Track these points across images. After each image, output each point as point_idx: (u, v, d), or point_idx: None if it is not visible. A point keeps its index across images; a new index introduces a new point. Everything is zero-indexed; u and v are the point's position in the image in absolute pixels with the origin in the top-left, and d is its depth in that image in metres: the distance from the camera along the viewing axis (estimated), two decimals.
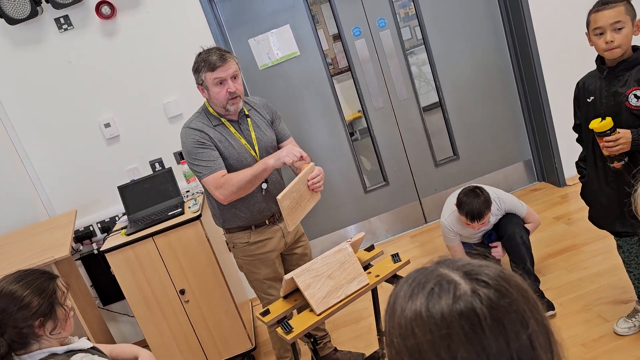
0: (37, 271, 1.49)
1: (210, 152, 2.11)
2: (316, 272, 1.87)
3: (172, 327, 2.72)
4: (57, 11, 2.89)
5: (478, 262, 0.67)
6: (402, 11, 3.45)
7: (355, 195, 3.62)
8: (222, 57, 2.08)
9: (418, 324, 0.62)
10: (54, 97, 3.03)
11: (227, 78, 2.09)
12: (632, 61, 1.84)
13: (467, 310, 0.60)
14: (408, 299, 0.64)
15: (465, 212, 2.46)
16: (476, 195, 2.45)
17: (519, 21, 3.37)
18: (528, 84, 3.52)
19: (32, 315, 1.40)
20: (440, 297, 0.62)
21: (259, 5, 3.23)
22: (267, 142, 2.23)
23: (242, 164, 2.15)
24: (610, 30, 1.83)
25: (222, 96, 2.10)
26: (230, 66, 2.09)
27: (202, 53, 2.14)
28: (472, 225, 2.49)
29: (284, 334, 1.80)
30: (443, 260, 0.68)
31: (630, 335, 2.20)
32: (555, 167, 3.58)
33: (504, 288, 0.63)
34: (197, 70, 2.14)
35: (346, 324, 2.87)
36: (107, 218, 3.17)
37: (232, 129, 2.18)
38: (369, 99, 3.47)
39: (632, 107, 1.84)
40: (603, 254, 2.72)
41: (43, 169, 3.11)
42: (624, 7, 1.82)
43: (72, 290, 2.63)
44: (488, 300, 0.61)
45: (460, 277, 0.64)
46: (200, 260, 2.66)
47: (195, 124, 2.17)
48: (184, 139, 2.16)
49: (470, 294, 0.61)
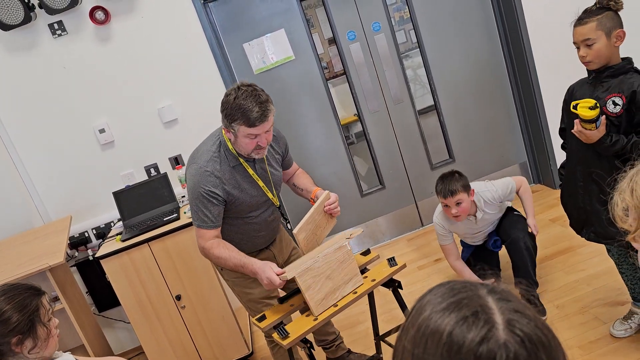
0: (23, 286, 1.44)
1: (213, 208, 1.97)
2: (317, 271, 1.86)
3: (169, 333, 2.70)
4: (51, 17, 2.88)
5: (527, 313, 0.62)
6: (397, 15, 3.45)
7: (351, 198, 3.62)
8: (264, 114, 1.85)
9: (435, 339, 0.60)
10: (48, 103, 3.02)
11: (262, 133, 1.91)
12: (617, 69, 1.87)
13: (487, 356, 0.57)
14: (440, 311, 0.62)
15: (437, 191, 2.52)
16: (449, 174, 2.51)
17: (513, 24, 3.38)
18: (523, 86, 3.53)
19: (10, 331, 1.36)
20: (470, 329, 0.59)
21: (254, 10, 3.23)
22: (277, 179, 2.17)
23: (256, 204, 2.08)
24: (583, 46, 1.88)
25: (250, 147, 1.93)
26: (270, 122, 1.89)
27: (238, 97, 1.86)
28: (449, 209, 2.48)
29: (280, 339, 1.79)
30: (495, 291, 0.64)
31: (627, 338, 2.20)
32: (551, 169, 3.59)
33: (535, 354, 0.59)
34: (229, 117, 1.88)
35: (343, 328, 2.86)
36: (103, 224, 3.15)
37: (250, 169, 2.03)
38: (365, 102, 3.47)
39: (609, 113, 1.88)
40: (599, 256, 2.72)
41: (38, 175, 3.09)
42: (596, 23, 1.84)
43: (67, 297, 2.62)
44: (515, 358, 0.58)
45: (502, 322, 0.60)
46: (197, 266, 2.65)
47: (212, 166, 1.96)
48: (196, 179, 1.96)
49: (501, 343, 0.58)
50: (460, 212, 2.49)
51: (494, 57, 3.54)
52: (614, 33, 1.84)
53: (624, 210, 0.82)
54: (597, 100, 1.87)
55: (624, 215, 0.82)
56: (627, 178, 0.82)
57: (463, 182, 2.48)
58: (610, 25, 1.83)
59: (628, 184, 0.81)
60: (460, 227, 2.65)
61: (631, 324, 2.20)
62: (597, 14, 1.84)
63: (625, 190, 0.81)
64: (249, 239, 2.15)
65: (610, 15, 1.84)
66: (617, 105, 1.86)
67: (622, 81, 1.86)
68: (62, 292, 2.55)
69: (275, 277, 1.88)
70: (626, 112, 1.86)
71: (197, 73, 3.08)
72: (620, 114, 1.86)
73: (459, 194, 2.45)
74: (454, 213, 2.49)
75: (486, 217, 2.60)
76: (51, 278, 2.47)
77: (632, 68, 1.88)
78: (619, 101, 1.86)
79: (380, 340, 2.31)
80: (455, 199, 2.46)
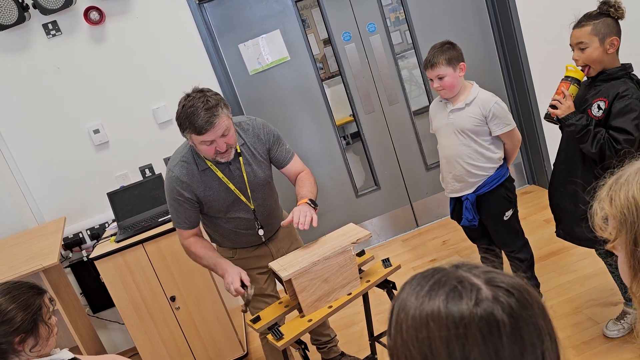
0: (26, 285, 1.46)
1: (185, 211, 2.01)
2: (315, 274, 1.82)
3: (163, 335, 2.70)
4: (45, 17, 2.87)
5: (498, 271, 0.67)
6: (392, 15, 3.46)
7: (346, 199, 3.62)
8: (209, 120, 1.80)
9: (434, 319, 0.62)
10: (42, 104, 3.01)
11: (216, 138, 1.86)
12: (610, 74, 1.89)
13: (487, 315, 0.61)
14: (425, 295, 0.65)
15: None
16: (440, 44, 2.26)
17: (507, 25, 3.39)
18: (517, 87, 3.55)
19: (14, 331, 1.37)
20: (461, 298, 0.62)
21: (249, 11, 3.23)
22: (260, 180, 2.08)
23: (231, 209, 2.07)
24: (577, 49, 1.91)
25: (210, 153, 1.90)
26: (219, 127, 1.83)
27: (185, 105, 1.84)
28: (432, 81, 2.27)
29: (274, 340, 1.79)
30: (461, 264, 0.68)
31: (620, 338, 2.21)
32: (545, 170, 3.60)
33: (525, 300, 0.63)
34: (180, 127, 1.87)
35: (338, 329, 2.86)
36: (97, 225, 3.14)
37: (220, 173, 2.00)
38: (360, 103, 3.47)
39: (593, 116, 1.90)
40: (592, 257, 2.73)
41: (31, 175, 3.08)
42: (591, 27, 1.86)
43: (61, 298, 2.61)
44: (509, 308, 0.62)
45: (482, 283, 0.64)
46: (191, 267, 2.64)
47: (179, 170, 1.98)
48: (166, 183, 2.03)
49: (491, 299, 0.62)
50: (443, 87, 2.23)
51: (489, 58, 3.55)
52: (608, 40, 1.85)
53: (603, 219, 0.82)
54: (585, 103, 1.90)
55: (603, 224, 0.83)
56: (607, 186, 0.83)
57: (449, 55, 2.20)
58: (605, 31, 1.85)
59: (607, 193, 0.82)
60: (437, 113, 2.40)
61: (624, 324, 2.22)
62: (595, 19, 1.86)
63: (604, 199, 0.82)
64: (236, 236, 2.16)
65: (608, 22, 1.86)
66: (600, 110, 1.89)
67: (611, 86, 1.88)
68: (56, 293, 2.54)
69: (236, 284, 1.93)
70: (606, 116, 1.89)
71: (192, 74, 3.07)
72: (601, 117, 1.89)
73: (439, 67, 2.20)
74: (436, 87, 2.25)
75: (462, 116, 2.27)
76: (45, 279, 2.46)
77: (626, 74, 1.89)
78: (602, 105, 1.88)
79: (374, 341, 2.32)
80: (435, 72, 2.22)
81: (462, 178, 2.35)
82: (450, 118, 2.30)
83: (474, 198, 2.35)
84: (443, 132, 2.37)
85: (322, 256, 1.84)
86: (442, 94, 2.29)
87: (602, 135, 1.86)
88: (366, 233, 1.92)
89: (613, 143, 1.84)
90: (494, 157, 2.32)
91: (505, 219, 2.38)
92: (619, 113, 1.84)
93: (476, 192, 2.34)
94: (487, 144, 2.30)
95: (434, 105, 2.43)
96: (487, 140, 2.30)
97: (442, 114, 2.36)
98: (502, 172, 2.36)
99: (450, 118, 2.30)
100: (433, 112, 2.44)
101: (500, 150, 2.34)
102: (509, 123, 2.28)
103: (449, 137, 2.34)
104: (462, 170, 2.33)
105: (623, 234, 0.81)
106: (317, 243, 1.96)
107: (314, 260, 1.83)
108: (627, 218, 0.79)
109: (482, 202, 2.37)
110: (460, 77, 2.26)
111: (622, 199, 0.80)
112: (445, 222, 3.64)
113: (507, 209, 2.38)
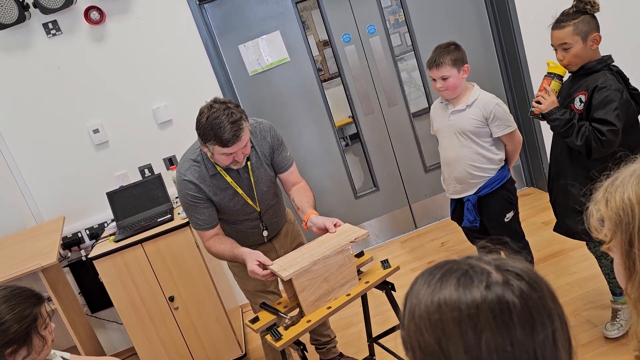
0: (25, 293, 1.43)
1: (202, 210, 2.04)
2: (315, 274, 1.83)
3: (161, 335, 2.69)
4: (46, 16, 2.87)
5: (507, 258, 0.69)
6: (392, 17, 3.47)
7: (345, 200, 3.62)
8: (235, 134, 1.82)
9: (447, 302, 0.64)
10: (42, 103, 3.01)
11: (238, 150, 1.90)
12: (588, 68, 1.91)
13: (498, 297, 0.63)
14: (436, 283, 0.66)
15: (427, 61, 2.28)
16: (445, 44, 2.25)
17: (507, 28, 3.40)
18: (516, 89, 3.55)
19: (7, 342, 1.35)
20: (472, 282, 0.64)
21: (249, 11, 3.23)
22: (266, 182, 2.13)
23: (239, 213, 2.12)
24: (560, 50, 1.93)
25: (227, 162, 1.94)
26: (244, 141, 1.87)
27: (209, 117, 1.84)
28: (435, 83, 2.26)
29: (273, 341, 1.79)
30: (471, 255, 0.70)
31: (619, 340, 2.21)
32: (544, 172, 3.61)
33: (535, 283, 0.65)
34: (203, 137, 1.87)
35: (336, 330, 2.86)
36: (96, 224, 3.14)
37: (229, 178, 2.04)
38: (359, 104, 3.48)
39: (575, 109, 1.94)
40: (591, 259, 2.73)
41: (30, 175, 3.07)
42: (572, 27, 1.87)
43: (60, 297, 2.60)
44: (520, 291, 0.64)
45: (492, 268, 0.66)
46: (190, 267, 2.64)
47: (191, 174, 2.01)
48: (179, 188, 2.06)
49: (502, 283, 0.64)
50: (446, 87, 2.22)
51: (488, 60, 3.56)
52: (590, 37, 1.87)
53: (599, 220, 0.83)
54: (568, 97, 1.93)
55: (599, 226, 0.84)
56: (602, 189, 0.84)
57: (454, 56, 2.20)
58: (586, 29, 1.86)
59: (603, 195, 0.83)
60: (438, 114, 2.40)
61: (620, 321, 2.22)
62: (573, 18, 1.87)
63: (600, 201, 0.83)
64: (241, 235, 2.19)
65: (587, 19, 1.87)
66: (582, 103, 1.91)
67: (592, 79, 1.90)
68: (55, 292, 2.53)
69: (257, 269, 1.90)
70: (586, 109, 1.91)
71: (192, 74, 3.07)
72: (582, 111, 1.91)
73: (444, 67, 2.19)
74: (439, 87, 2.24)
75: (463, 118, 2.27)
76: (43, 278, 2.45)
77: (605, 66, 1.90)
78: (583, 98, 1.91)
79: (373, 342, 2.31)
80: (440, 72, 2.21)
81: (463, 179, 2.35)
82: (451, 119, 2.31)
83: (476, 199, 2.36)
84: (444, 134, 2.37)
85: (322, 255, 1.85)
86: (444, 94, 2.29)
87: (586, 128, 1.88)
88: (363, 232, 1.93)
89: (598, 135, 1.86)
90: (495, 158, 2.32)
91: (506, 221, 2.39)
92: (600, 105, 1.85)
93: (477, 194, 2.35)
94: (488, 145, 2.30)
95: (435, 106, 2.44)
96: (488, 142, 2.30)
97: (443, 115, 2.36)
98: (504, 174, 2.36)
99: (451, 119, 2.31)
100: (434, 114, 2.44)
101: (502, 151, 2.35)
102: (509, 125, 2.28)
103: (449, 139, 2.34)
104: (463, 171, 2.33)
105: (618, 235, 0.81)
106: (314, 243, 1.97)
107: (314, 259, 1.84)
108: (622, 219, 0.80)
109: (483, 204, 2.37)
110: (463, 79, 2.26)
111: (617, 201, 0.81)
112: (444, 224, 3.64)
113: (508, 210, 2.38)
